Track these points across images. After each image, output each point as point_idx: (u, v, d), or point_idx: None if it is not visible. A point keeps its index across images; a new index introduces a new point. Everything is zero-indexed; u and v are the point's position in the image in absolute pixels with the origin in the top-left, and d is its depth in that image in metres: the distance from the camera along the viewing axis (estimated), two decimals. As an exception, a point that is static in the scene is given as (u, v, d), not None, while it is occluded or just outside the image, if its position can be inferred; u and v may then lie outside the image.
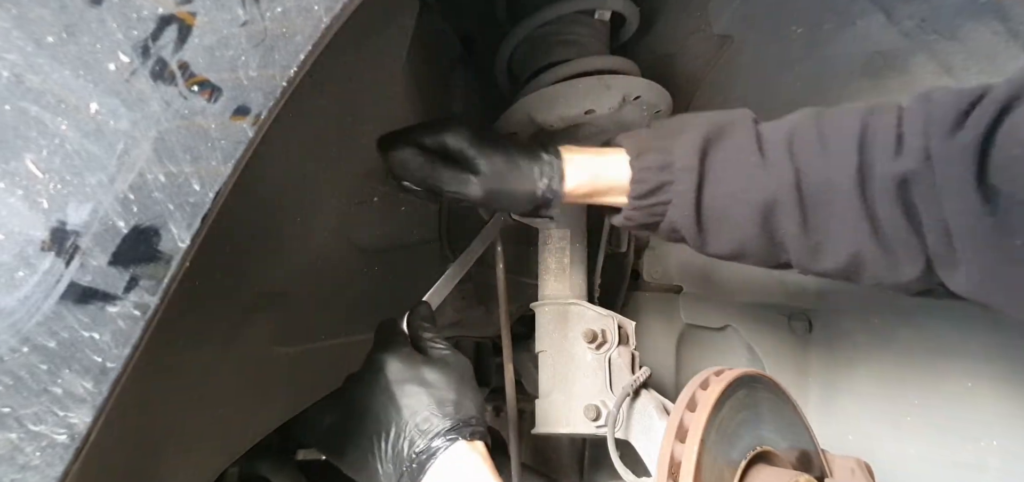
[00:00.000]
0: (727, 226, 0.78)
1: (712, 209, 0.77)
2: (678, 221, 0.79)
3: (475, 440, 0.71)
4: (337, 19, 0.48)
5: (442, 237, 1.15)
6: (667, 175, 0.78)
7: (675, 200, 0.78)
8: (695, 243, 0.81)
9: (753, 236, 0.77)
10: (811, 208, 0.74)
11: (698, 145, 0.77)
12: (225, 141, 0.46)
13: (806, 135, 0.75)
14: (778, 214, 0.75)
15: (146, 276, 0.44)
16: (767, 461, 0.77)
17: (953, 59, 0.97)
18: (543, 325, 1.03)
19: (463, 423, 0.71)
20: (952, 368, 1.10)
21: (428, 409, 0.71)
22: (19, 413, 0.43)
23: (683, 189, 0.77)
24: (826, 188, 0.72)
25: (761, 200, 0.75)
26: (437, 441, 0.68)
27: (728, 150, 0.78)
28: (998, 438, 1.06)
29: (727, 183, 0.77)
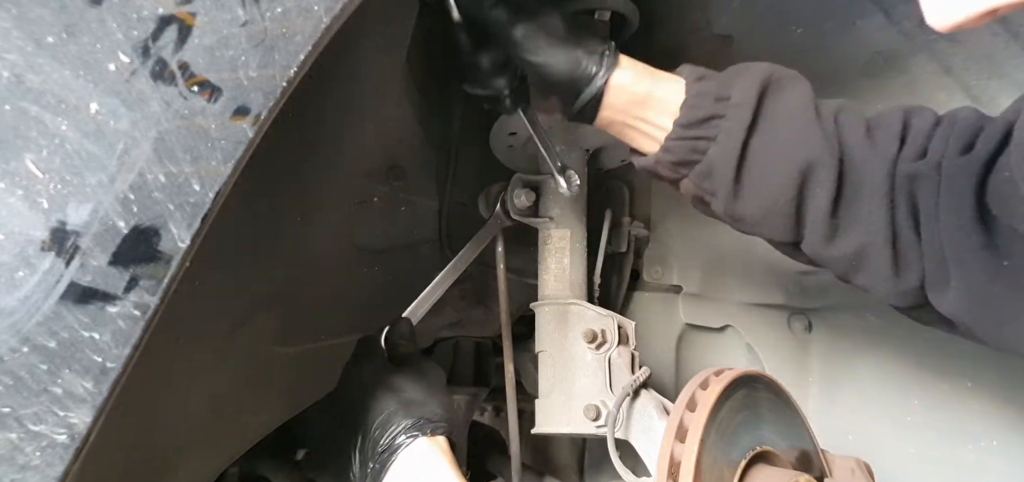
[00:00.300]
0: (765, 180, 0.74)
1: (756, 157, 0.73)
2: (718, 162, 0.74)
3: (437, 435, 0.72)
4: (337, 19, 0.49)
5: (442, 237, 1.15)
6: (721, 108, 0.73)
7: (721, 138, 0.73)
8: (726, 195, 0.75)
9: (786, 198, 0.72)
10: (846, 183, 0.71)
11: (757, 87, 0.73)
12: (225, 141, 0.46)
13: (853, 116, 0.73)
14: (815, 180, 0.71)
15: (146, 276, 0.45)
16: (767, 461, 0.77)
17: (953, 59, 0.97)
18: (543, 325, 1.03)
19: (425, 420, 0.72)
20: (952, 368, 1.10)
21: (392, 410, 0.73)
22: (19, 413, 0.43)
23: (733, 126, 0.73)
24: (864, 169, 0.71)
25: (806, 159, 0.71)
26: (399, 438, 0.70)
27: (786, 100, 0.74)
28: (998, 438, 1.06)
29: (778, 133, 0.73)
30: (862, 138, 0.72)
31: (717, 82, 0.75)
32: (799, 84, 0.76)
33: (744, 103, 0.72)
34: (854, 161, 0.71)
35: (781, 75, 0.76)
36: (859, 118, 0.73)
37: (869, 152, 0.71)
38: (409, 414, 0.72)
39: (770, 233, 0.77)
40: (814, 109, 0.73)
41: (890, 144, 0.70)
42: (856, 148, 0.71)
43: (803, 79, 0.77)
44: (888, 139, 0.71)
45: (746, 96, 0.73)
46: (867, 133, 0.72)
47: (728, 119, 0.73)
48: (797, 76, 0.77)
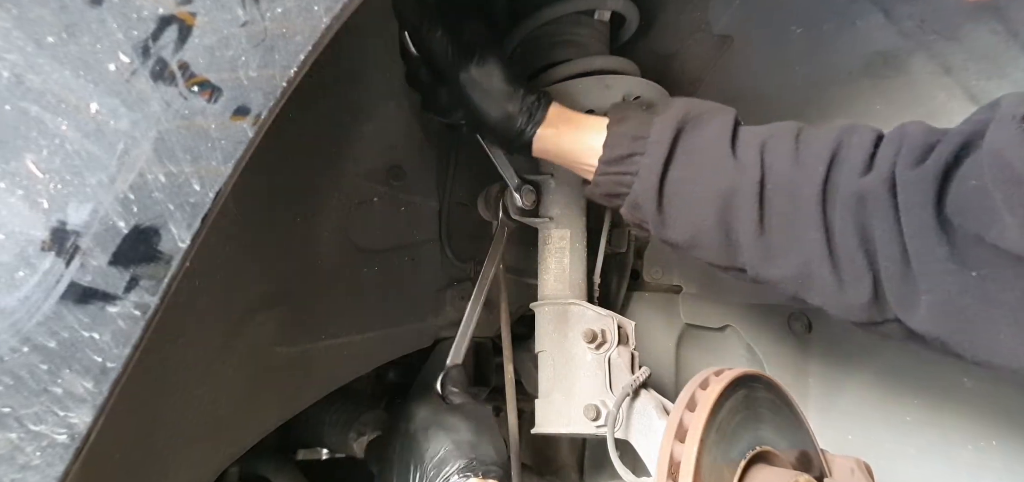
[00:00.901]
0: (686, 210, 0.79)
1: (674, 189, 0.79)
2: (640, 196, 0.81)
3: (488, 478, 0.77)
4: (337, 19, 0.49)
5: (442, 237, 1.15)
6: (639, 146, 0.80)
7: (641, 173, 0.80)
8: (655, 223, 0.82)
9: (710, 226, 0.78)
10: (770, 210, 0.75)
11: (674, 124, 0.79)
12: (225, 141, 0.46)
13: (782, 142, 0.77)
14: (736, 208, 0.76)
15: (146, 276, 0.45)
16: (767, 461, 0.77)
17: (953, 59, 0.97)
18: (543, 325, 1.03)
19: (478, 462, 0.77)
20: (952, 368, 1.10)
21: (446, 449, 0.77)
22: (19, 413, 0.43)
23: (650, 162, 0.79)
24: (789, 193, 0.74)
25: (722, 190, 0.76)
26: (453, 478, 0.75)
27: (702, 136, 0.79)
28: (998, 438, 1.06)
29: (693, 166, 0.79)
30: (788, 161, 0.75)
31: (635, 123, 0.82)
32: (717, 117, 0.81)
33: (661, 139, 0.79)
34: (779, 184, 0.75)
35: (701, 111, 0.82)
36: (788, 142, 0.76)
37: (796, 174, 0.74)
38: (462, 454, 0.77)
39: (707, 256, 0.83)
40: (730, 141, 0.78)
41: (817, 164, 0.73)
42: (782, 171, 0.75)
43: (725, 111, 0.82)
44: (815, 159, 0.73)
45: (662, 133, 0.79)
46: (795, 156, 0.75)
47: (646, 155, 0.80)
48: (718, 110, 0.82)
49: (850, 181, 0.71)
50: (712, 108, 0.82)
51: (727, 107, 0.82)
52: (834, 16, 1.04)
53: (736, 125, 0.80)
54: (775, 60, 1.15)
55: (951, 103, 0.99)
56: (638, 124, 0.81)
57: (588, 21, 1.04)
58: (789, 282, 0.77)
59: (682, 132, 0.80)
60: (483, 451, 0.78)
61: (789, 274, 0.76)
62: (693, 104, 0.82)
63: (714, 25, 1.15)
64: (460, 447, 0.77)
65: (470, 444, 0.78)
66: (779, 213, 0.74)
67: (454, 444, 0.77)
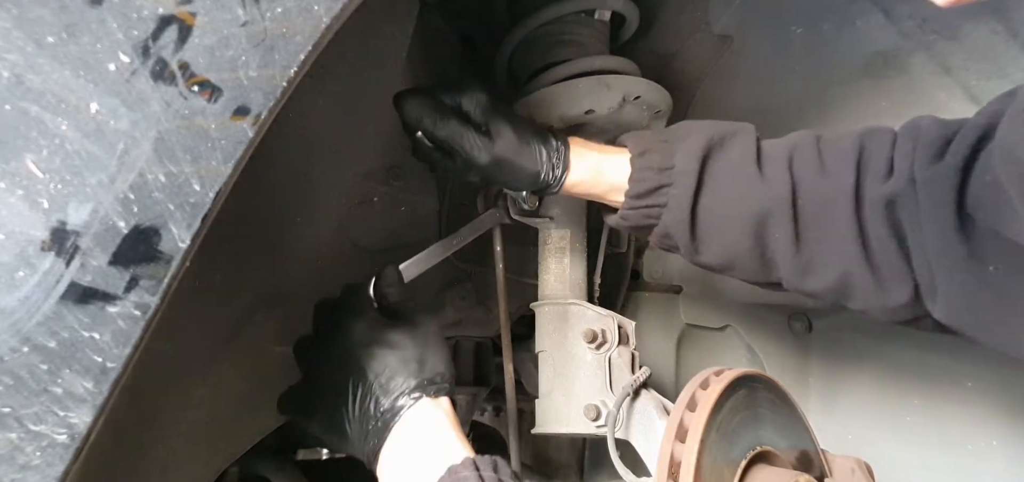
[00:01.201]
0: (720, 235, 0.79)
1: (707, 216, 0.78)
2: (672, 226, 0.80)
3: (439, 397, 0.72)
4: (337, 19, 0.49)
5: (442, 237, 1.15)
6: (666, 177, 0.79)
7: (671, 204, 0.79)
8: (688, 250, 0.82)
9: (745, 248, 0.78)
10: (804, 224, 0.75)
11: (699, 151, 0.78)
12: (225, 141, 0.46)
13: (806, 153, 0.77)
14: (771, 227, 0.76)
15: (146, 276, 0.45)
16: (767, 461, 0.77)
17: (953, 59, 0.97)
18: (543, 325, 1.03)
19: (428, 381, 0.71)
20: (952, 368, 1.10)
21: (392, 369, 0.71)
22: (19, 413, 0.43)
23: (680, 193, 0.78)
24: (822, 205, 0.74)
25: (756, 211, 0.76)
26: (401, 399, 0.70)
27: (728, 159, 0.79)
28: (998, 438, 1.06)
29: (724, 191, 0.78)
30: (816, 175, 0.75)
31: (660, 153, 0.80)
32: (740, 138, 0.80)
33: (688, 170, 0.78)
34: (811, 199, 0.74)
35: (724, 133, 0.80)
36: (812, 153, 0.76)
37: (825, 186, 0.74)
38: (410, 374, 0.71)
39: (744, 276, 0.82)
40: (756, 161, 0.78)
41: (846, 175, 0.73)
42: (811, 185, 0.75)
43: (747, 131, 0.81)
44: (843, 170, 0.73)
45: (689, 162, 0.78)
46: (821, 168, 0.75)
47: (675, 186, 0.79)
48: (738, 129, 0.81)
49: (875, 186, 0.71)
50: (733, 129, 0.81)
51: (746, 124, 0.82)
52: (834, 16, 1.04)
53: (759, 142, 0.80)
54: (775, 60, 1.15)
55: (951, 103, 0.99)
56: (661, 156, 0.80)
57: (588, 21, 1.04)
58: (829, 293, 0.77)
59: (708, 157, 0.79)
60: (432, 368, 0.73)
61: (829, 286, 0.76)
62: (713, 127, 0.81)
63: (714, 25, 1.15)
64: (407, 364, 0.72)
65: (418, 362, 0.73)
66: (813, 227, 0.74)
67: (400, 361, 0.72)
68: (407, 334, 0.75)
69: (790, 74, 1.14)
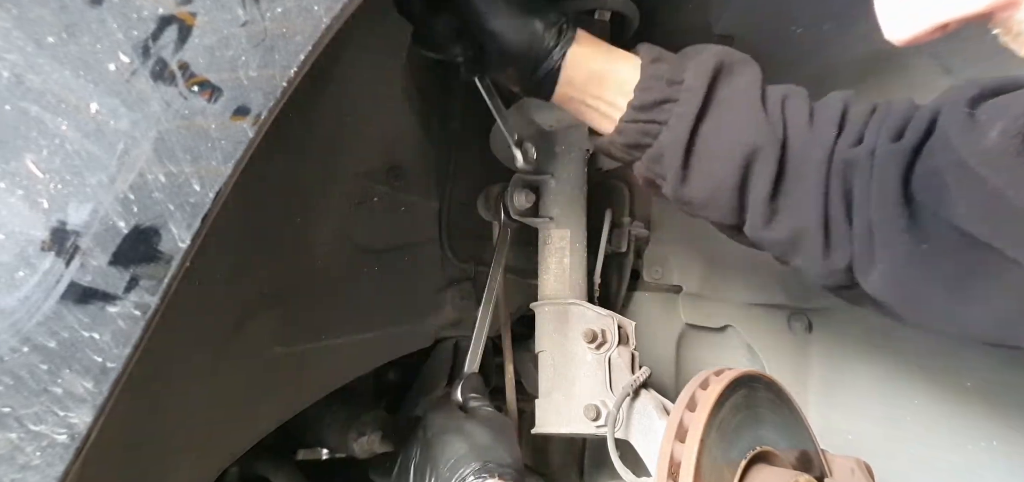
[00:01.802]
0: (711, 165, 0.75)
1: (704, 142, 0.74)
2: (667, 147, 0.75)
3: (504, 480, 0.74)
4: (337, 19, 0.49)
5: (442, 237, 1.15)
6: (673, 91, 0.74)
7: (672, 122, 0.74)
8: (675, 178, 0.76)
9: (730, 183, 0.74)
10: (786, 169, 0.73)
11: (709, 71, 0.74)
12: (225, 141, 0.46)
13: (798, 101, 0.75)
14: (758, 165, 0.73)
15: (146, 276, 0.45)
16: (767, 461, 0.77)
17: (953, 59, 0.97)
18: (543, 325, 1.03)
19: (494, 464, 0.75)
20: (952, 368, 1.10)
21: (463, 455, 0.76)
22: (19, 413, 0.43)
23: (684, 111, 0.74)
24: (803, 155, 0.72)
25: (750, 145, 0.73)
26: (468, 479, 0.73)
27: (734, 87, 0.75)
28: (998, 438, 1.06)
29: (726, 119, 0.74)
30: (804, 124, 0.73)
31: (670, 64, 0.76)
32: (749, 68, 0.77)
33: (696, 88, 0.73)
34: (795, 147, 0.73)
35: (733, 59, 0.77)
36: (804, 103, 0.74)
37: (809, 138, 0.72)
38: (478, 457, 0.75)
39: (715, 216, 0.78)
40: (761, 94, 0.74)
41: (829, 130, 0.71)
42: (798, 134, 0.73)
43: (753, 63, 0.78)
44: (827, 125, 0.72)
45: (698, 80, 0.74)
46: (809, 119, 0.73)
47: (680, 103, 0.74)
48: (748, 60, 0.78)
49: (842, 149, 0.70)
50: (742, 58, 0.78)
51: (752, 59, 0.78)
52: (834, 16, 1.04)
53: (763, 78, 0.77)
54: (775, 60, 1.14)
55: (951, 103, 0.99)
56: (673, 66, 0.75)
57: (588, 21, 1.04)
58: (780, 245, 0.75)
59: (717, 80, 0.74)
60: (499, 454, 0.77)
61: (783, 237, 0.74)
62: (724, 51, 0.77)
63: (714, 25, 1.15)
64: (475, 450, 0.76)
65: (485, 447, 0.77)
66: (792, 175, 0.73)
67: (470, 447, 0.77)
68: (480, 425, 0.81)
69: (790, 74, 1.14)
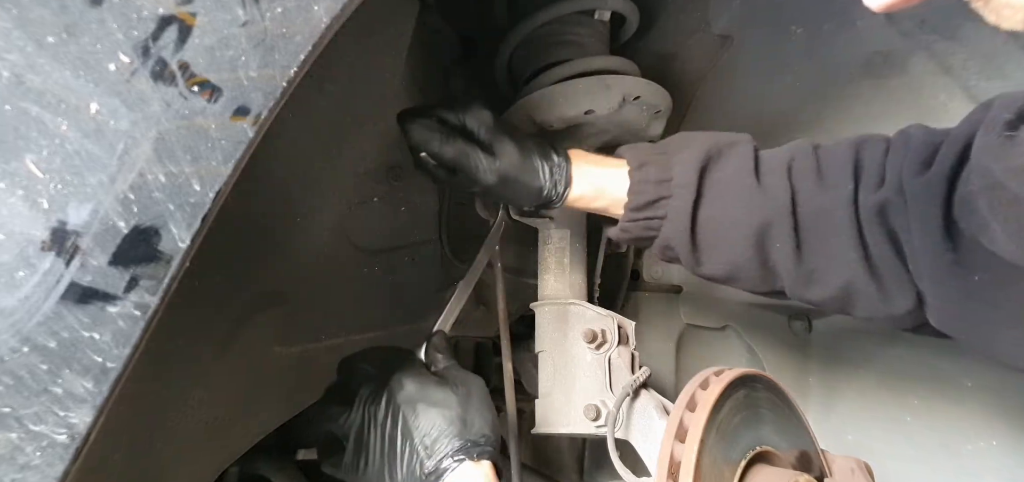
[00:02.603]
0: (721, 246, 0.79)
1: (707, 228, 0.79)
2: (673, 237, 0.80)
3: (482, 460, 0.73)
4: (337, 19, 0.48)
5: (442, 237, 1.15)
6: (664, 190, 0.80)
7: (670, 216, 0.80)
8: (689, 262, 0.82)
9: (747, 259, 0.78)
10: (805, 233, 0.75)
11: (697, 163, 0.79)
12: (225, 141, 0.46)
13: (804, 162, 0.77)
14: (772, 237, 0.76)
15: (146, 276, 0.45)
16: (767, 461, 0.77)
17: (953, 59, 0.97)
18: (543, 325, 1.03)
19: (472, 443, 0.73)
20: (952, 368, 1.10)
21: (437, 429, 0.73)
22: (19, 413, 0.43)
23: (679, 205, 0.79)
24: (821, 214, 0.74)
25: (756, 222, 0.76)
26: (445, 462, 0.71)
27: (726, 170, 0.79)
28: (998, 438, 1.06)
29: (723, 202, 0.79)
30: (814, 184, 0.76)
31: (657, 167, 0.81)
32: (738, 149, 0.81)
33: (686, 181, 0.79)
34: (811, 208, 0.75)
35: (721, 144, 0.81)
36: (810, 163, 0.77)
37: (824, 195, 0.75)
38: (455, 435, 0.73)
39: (748, 287, 0.83)
40: (754, 172, 0.78)
41: (844, 184, 0.74)
42: (809, 196, 0.75)
43: (743, 141, 0.82)
44: (841, 179, 0.74)
45: (687, 175, 0.79)
46: (818, 177, 0.76)
47: (674, 198, 0.79)
48: (736, 140, 0.82)
49: (867, 195, 0.72)
50: (730, 139, 0.82)
51: (742, 135, 0.82)
52: (834, 16, 1.04)
53: (757, 152, 0.80)
54: (775, 60, 1.15)
55: (951, 103, 0.99)
56: (658, 168, 0.81)
57: (588, 21, 1.04)
58: (833, 302, 0.77)
59: (706, 169, 0.79)
60: (476, 429, 0.75)
61: (832, 295, 0.76)
62: (710, 139, 0.82)
63: (714, 25, 1.15)
64: (453, 425, 0.74)
65: (462, 420, 0.74)
66: (814, 237, 0.75)
67: (447, 422, 0.74)
68: (453, 393, 0.77)
69: (790, 74, 1.14)
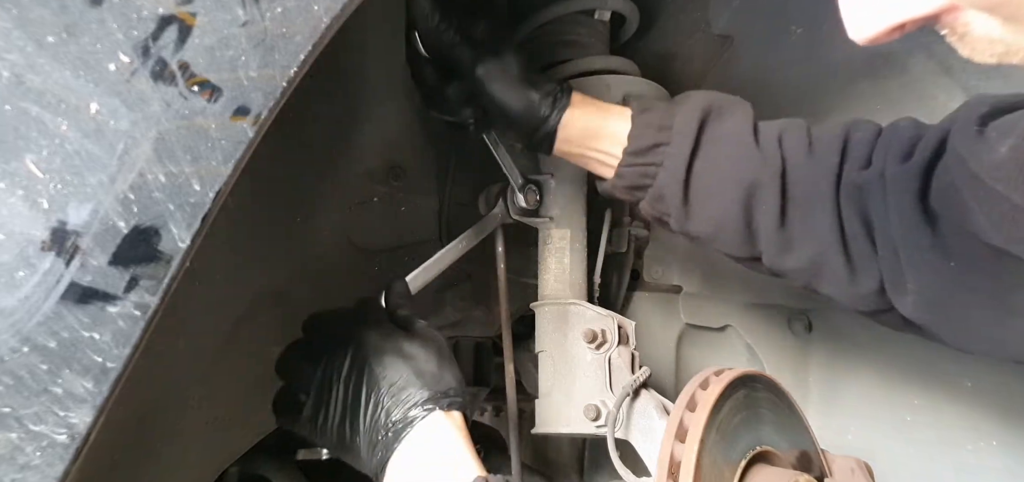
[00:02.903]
0: (711, 201, 0.80)
1: (700, 180, 0.79)
2: (666, 186, 0.80)
3: (452, 411, 0.70)
4: (337, 19, 0.49)
5: (442, 237, 1.15)
6: (664, 136, 0.79)
7: (667, 163, 0.79)
8: (678, 215, 0.81)
9: (732, 217, 0.78)
10: (790, 200, 0.76)
11: (698, 115, 0.80)
12: (225, 141, 0.46)
13: (796, 134, 0.78)
14: (760, 199, 0.77)
15: (146, 276, 0.45)
16: (767, 461, 0.77)
17: (953, 59, 0.97)
18: (543, 325, 1.03)
19: (441, 394, 0.70)
20: (952, 368, 1.10)
21: (405, 379, 0.70)
22: (19, 413, 0.43)
23: (677, 152, 0.79)
24: (807, 184, 0.75)
25: (747, 180, 0.77)
26: (414, 411, 0.68)
27: (725, 126, 0.80)
28: (998, 438, 1.06)
29: (719, 156, 0.79)
30: (804, 154, 0.77)
31: (659, 113, 0.81)
32: (738, 109, 0.82)
33: (686, 130, 0.79)
34: (797, 176, 0.76)
35: (722, 102, 0.82)
36: (801, 135, 0.78)
37: (811, 167, 0.76)
38: (424, 386, 0.69)
39: (726, 248, 0.83)
40: (753, 133, 0.79)
41: (831, 157, 0.75)
42: (799, 164, 0.76)
43: (744, 104, 0.83)
44: (829, 152, 0.75)
45: (687, 124, 0.79)
46: (809, 149, 0.77)
47: (672, 145, 0.79)
48: (737, 102, 0.83)
49: (852, 174, 0.73)
50: (731, 100, 0.83)
51: (742, 100, 0.83)
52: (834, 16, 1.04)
53: (754, 117, 0.81)
54: (775, 60, 1.15)
55: (951, 103, 0.98)
56: (662, 114, 0.81)
57: (588, 21, 1.04)
58: (802, 273, 0.78)
59: (706, 121, 0.80)
60: (445, 382, 0.72)
61: (803, 264, 0.77)
62: (712, 96, 0.82)
63: (714, 25, 1.15)
64: (421, 376, 0.70)
65: (432, 375, 0.71)
66: (798, 205, 0.76)
67: (414, 372, 0.70)
68: (421, 346, 0.74)
69: (790, 74, 1.14)
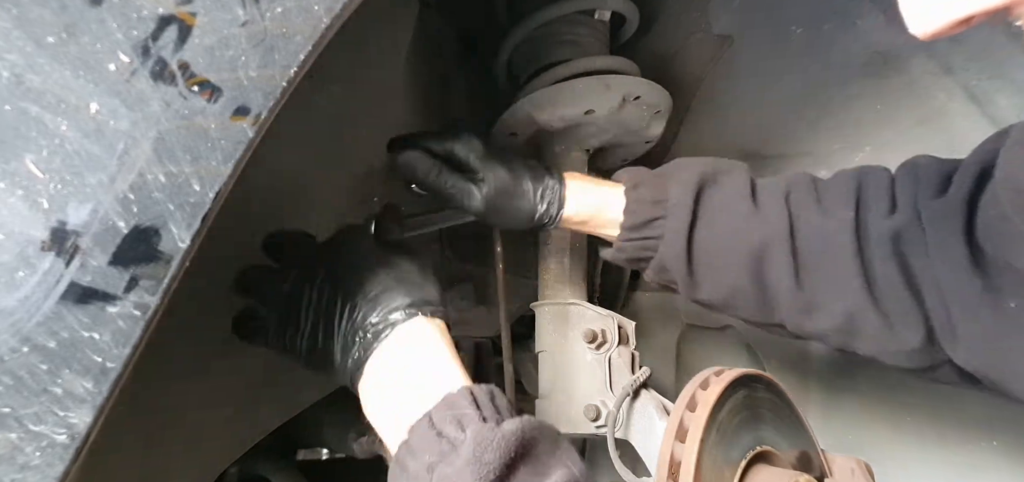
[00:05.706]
0: (717, 270, 0.78)
1: (703, 250, 0.78)
2: (668, 259, 0.79)
3: (436, 318, 0.66)
4: (337, 19, 0.48)
5: (442, 238, 1.15)
6: (660, 210, 0.79)
7: (667, 236, 0.78)
8: (686, 286, 0.80)
9: (744, 285, 0.76)
10: (804, 260, 0.73)
11: (693, 184, 0.78)
12: (225, 141, 0.46)
13: (802, 189, 0.76)
14: (770, 261, 0.74)
15: (146, 276, 0.44)
16: (767, 461, 0.77)
17: (953, 59, 0.97)
18: (543, 325, 1.03)
19: (424, 301, 0.66)
20: (952, 368, 1.10)
21: (384, 286, 0.65)
22: (19, 413, 0.43)
23: (675, 225, 0.78)
24: (821, 241, 0.72)
25: (754, 245, 0.75)
26: (395, 314, 0.63)
27: (723, 193, 0.79)
28: (998, 438, 1.06)
29: (719, 225, 0.77)
30: (813, 210, 0.74)
31: (651, 187, 0.80)
32: (735, 173, 0.80)
33: (682, 202, 0.78)
34: (808, 233, 0.73)
35: (717, 168, 0.80)
36: (808, 190, 0.76)
37: (824, 222, 0.73)
38: (407, 292, 0.65)
39: (745, 315, 0.81)
40: (751, 195, 0.78)
41: (845, 210, 0.72)
42: (810, 221, 0.74)
43: (739, 166, 0.81)
44: (841, 205, 0.72)
45: (683, 196, 0.78)
46: (818, 204, 0.75)
47: (669, 218, 0.78)
48: (733, 166, 0.81)
49: (878, 223, 0.69)
50: (726, 164, 0.81)
51: (738, 162, 0.82)
52: (834, 16, 1.04)
53: (752, 179, 0.80)
54: (775, 60, 1.15)
55: (951, 103, 0.99)
56: (654, 189, 0.80)
57: (588, 21, 1.04)
58: (834, 334, 0.75)
59: (702, 190, 0.79)
60: (428, 292, 0.67)
61: (833, 325, 0.74)
62: (707, 162, 0.81)
63: (714, 25, 1.15)
64: (402, 282, 0.66)
65: (414, 283, 0.67)
66: (813, 264, 0.73)
67: (396, 279, 0.66)
68: (407, 259, 0.70)
69: (790, 74, 1.14)
